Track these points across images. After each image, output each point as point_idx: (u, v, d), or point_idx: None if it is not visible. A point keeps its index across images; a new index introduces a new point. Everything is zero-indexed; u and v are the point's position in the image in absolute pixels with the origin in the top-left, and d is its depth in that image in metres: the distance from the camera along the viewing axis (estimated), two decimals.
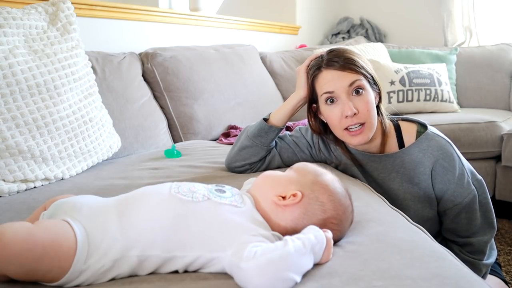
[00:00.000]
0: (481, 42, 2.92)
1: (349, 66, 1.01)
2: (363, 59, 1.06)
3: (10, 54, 1.08)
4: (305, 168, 0.76)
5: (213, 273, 0.63)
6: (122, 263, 0.61)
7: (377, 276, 0.59)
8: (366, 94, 1.02)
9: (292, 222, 0.69)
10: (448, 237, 1.12)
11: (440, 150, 1.05)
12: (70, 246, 0.59)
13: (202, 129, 1.82)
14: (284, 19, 3.14)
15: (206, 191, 0.69)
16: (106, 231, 0.62)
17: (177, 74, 1.80)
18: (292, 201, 0.69)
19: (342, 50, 1.06)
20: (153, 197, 0.67)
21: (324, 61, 1.04)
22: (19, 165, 1.06)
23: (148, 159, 1.38)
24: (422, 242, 0.72)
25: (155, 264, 0.62)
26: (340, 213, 0.70)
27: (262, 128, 1.12)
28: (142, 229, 0.62)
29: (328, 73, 1.03)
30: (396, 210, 0.89)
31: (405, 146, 1.09)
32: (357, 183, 1.06)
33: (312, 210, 0.69)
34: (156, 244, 0.62)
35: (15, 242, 0.56)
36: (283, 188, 0.71)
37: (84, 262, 0.59)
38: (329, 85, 1.02)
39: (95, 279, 0.61)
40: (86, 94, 1.26)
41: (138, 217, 0.64)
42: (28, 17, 1.19)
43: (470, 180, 1.06)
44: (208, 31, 2.38)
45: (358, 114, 1.01)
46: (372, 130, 1.04)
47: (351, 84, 1.01)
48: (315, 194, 0.70)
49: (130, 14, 1.92)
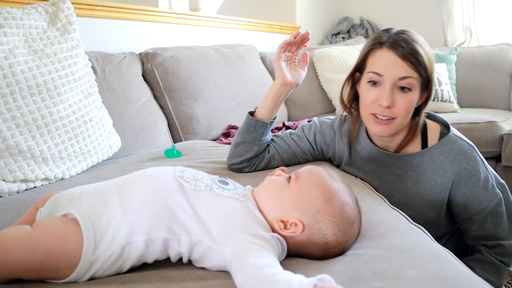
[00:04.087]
0: (481, 42, 2.92)
1: (410, 59, 0.94)
2: (429, 56, 0.98)
3: (10, 54, 1.08)
4: (312, 184, 0.67)
5: (213, 273, 0.63)
6: (130, 249, 0.61)
7: (377, 277, 0.59)
8: (411, 94, 0.96)
9: (293, 246, 0.66)
10: (476, 244, 1.07)
11: (463, 154, 1.01)
12: (76, 240, 0.59)
13: (202, 129, 1.82)
14: (284, 19, 3.13)
15: (209, 181, 0.69)
16: (110, 218, 0.62)
17: (177, 74, 1.80)
18: (292, 233, 0.64)
19: (414, 37, 0.97)
20: (157, 179, 0.67)
21: (390, 39, 0.97)
22: (19, 165, 1.06)
23: (148, 159, 1.38)
24: (422, 243, 0.72)
25: (161, 247, 0.62)
26: (343, 243, 0.66)
27: (250, 123, 1.09)
28: (145, 212, 0.62)
29: (387, 55, 0.96)
30: (396, 210, 0.89)
31: (428, 146, 1.05)
32: (357, 182, 1.06)
33: (313, 240, 0.65)
34: (161, 226, 0.62)
35: (17, 250, 0.57)
36: (284, 211, 0.66)
37: (93, 252, 0.60)
38: (381, 67, 0.96)
39: (106, 269, 0.61)
40: (86, 94, 1.26)
41: (141, 200, 0.63)
42: (28, 17, 1.19)
43: (494, 184, 1.03)
44: (208, 31, 2.38)
45: (393, 108, 0.96)
46: (398, 129, 1.01)
47: (402, 78, 0.95)
48: (319, 225, 0.64)
49: (130, 14, 1.92)
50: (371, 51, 1.00)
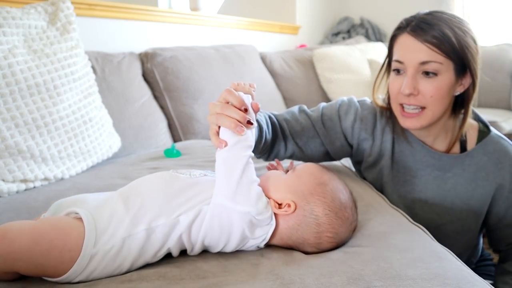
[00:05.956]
0: (481, 42, 2.92)
1: (432, 40, 0.84)
2: (461, 37, 0.85)
3: (9, 54, 1.08)
4: (307, 172, 0.72)
5: (213, 272, 0.63)
6: (131, 241, 0.62)
7: (378, 276, 0.59)
8: (438, 79, 0.86)
9: (286, 231, 0.68)
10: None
11: (508, 156, 0.94)
12: (78, 234, 0.60)
13: (202, 129, 1.81)
14: (284, 19, 3.13)
15: (203, 171, 0.73)
16: (112, 214, 0.63)
17: (177, 74, 1.80)
18: (285, 212, 0.67)
19: (440, 17, 0.87)
20: (154, 178, 0.70)
21: (412, 23, 0.88)
22: (19, 165, 1.06)
23: (148, 158, 1.38)
24: (423, 242, 0.72)
25: (162, 235, 0.63)
26: (337, 227, 0.68)
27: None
28: (145, 203, 0.64)
29: (407, 40, 0.88)
30: (397, 209, 0.89)
31: (467, 145, 0.97)
32: (358, 181, 1.05)
33: (306, 222, 0.67)
34: (161, 213, 0.64)
35: (21, 238, 0.57)
36: (280, 194, 0.69)
37: (93, 245, 0.60)
38: (402, 54, 0.89)
39: (106, 264, 0.61)
40: (86, 94, 1.25)
41: (141, 195, 0.66)
42: (28, 16, 1.19)
43: None
44: (208, 31, 2.38)
45: (418, 96, 0.88)
46: (431, 120, 0.90)
47: (423, 63, 0.86)
48: (310, 206, 0.67)
49: (130, 14, 1.92)
50: (393, 38, 0.94)
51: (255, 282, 0.58)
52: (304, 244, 0.68)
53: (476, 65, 0.89)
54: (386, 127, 1.01)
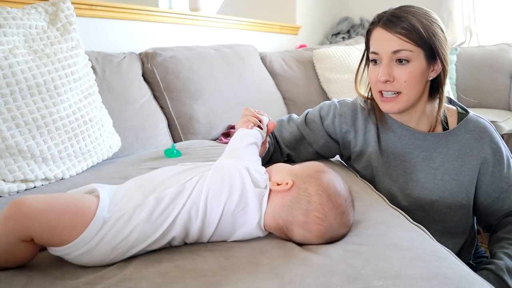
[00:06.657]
0: (481, 42, 2.92)
1: (401, 31, 0.94)
2: (428, 26, 0.95)
3: (10, 54, 1.08)
4: (310, 164, 0.79)
5: (213, 270, 0.63)
6: (142, 209, 0.67)
7: (378, 275, 0.59)
8: (410, 66, 0.96)
9: (279, 208, 0.72)
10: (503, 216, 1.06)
11: (487, 131, 1.03)
12: (91, 202, 0.66)
13: (202, 129, 1.82)
14: (284, 19, 3.14)
15: (207, 163, 0.81)
16: (126, 191, 0.71)
17: (177, 74, 1.80)
18: (282, 188, 0.73)
19: (407, 10, 0.97)
20: (165, 168, 0.79)
21: (383, 17, 0.99)
22: (19, 165, 1.06)
23: (148, 158, 1.38)
24: (423, 242, 0.72)
25: (169, 200, 0.69)
26: (327, 209, 0.70)
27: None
28: (157, 183, 0.72)
29: (380, 32, 0.99)
30: (396, 209, 0.89)
31: (449, 127, 1.06)
32: (358, 181, 1.06)
33: (298, 199, 0.71)
34: (170, 186, 0.71)
35: (36, 202, 0.62)
36: (281, 176, 0.76)
37: (107, 211, 0.65)
38: (376, 45, 0.99)
39: (115, 232, 0.64)
40: (86, 94, 1.26)
41: (154, 178, 0.74)
42: (28, 17, 1.19)
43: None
44: (208, 31, 2.38)
45: (393, 82, 0.97)
46: (407, 103, 0.99)
47: (395, 52, 0.96)
48: (305, 185, 0.72)
49: (130, 14, 1.92)
50: (368, 32, 1.04)
51: (254, 281, 0.59)
52: (293, 223, 0.71)
53: (445, 52, 0.98)
54: (369, 119, 1.11)
